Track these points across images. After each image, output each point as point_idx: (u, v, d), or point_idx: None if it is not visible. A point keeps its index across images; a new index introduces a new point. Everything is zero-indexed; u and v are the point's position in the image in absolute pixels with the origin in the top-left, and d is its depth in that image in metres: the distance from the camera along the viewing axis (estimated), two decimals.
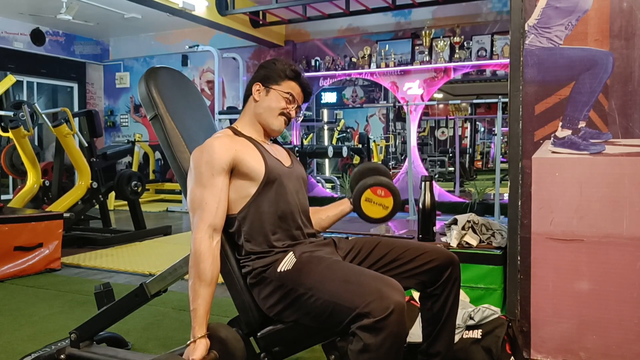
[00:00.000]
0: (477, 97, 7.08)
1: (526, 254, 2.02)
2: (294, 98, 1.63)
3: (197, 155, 1.50)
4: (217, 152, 1.47)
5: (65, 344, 1.91)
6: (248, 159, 1.51)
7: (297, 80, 1.64)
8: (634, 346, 1.90)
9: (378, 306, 1.22)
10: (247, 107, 1.66)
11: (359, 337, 1.23)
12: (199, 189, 1.47)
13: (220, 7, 6.82)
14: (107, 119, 9.78)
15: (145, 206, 6.59)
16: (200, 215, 1.45)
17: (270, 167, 1.52)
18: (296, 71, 1.65)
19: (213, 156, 1.47)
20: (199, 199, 1.46)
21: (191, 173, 1.51)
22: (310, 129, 8.83)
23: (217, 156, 1.47)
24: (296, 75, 1.64)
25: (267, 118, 1.62)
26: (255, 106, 1.63)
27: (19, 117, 4.62)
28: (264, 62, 1.72)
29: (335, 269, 1.39)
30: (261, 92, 1.63)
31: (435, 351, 1.59)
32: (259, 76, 1.65)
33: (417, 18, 7.34)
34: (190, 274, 1.43)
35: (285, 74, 1.63)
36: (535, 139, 2.00)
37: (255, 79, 1.66)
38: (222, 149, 1.48)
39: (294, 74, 1.64)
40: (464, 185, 7.90)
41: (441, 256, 1.54)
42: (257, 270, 1.47)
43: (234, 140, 1.55)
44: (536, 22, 1.99)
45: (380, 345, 1.21)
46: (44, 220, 3.61)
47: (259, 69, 1.68)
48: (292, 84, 1.63)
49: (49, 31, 8.78)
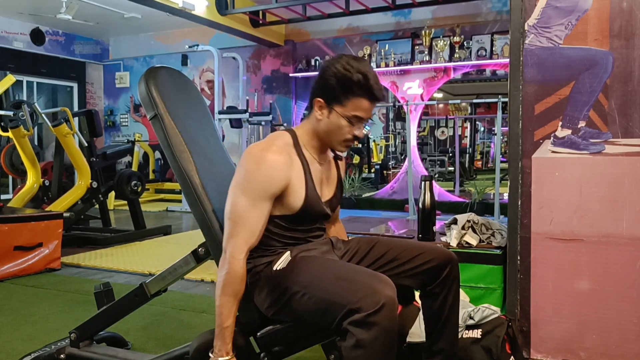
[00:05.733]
0: (477, 97, 7.09)
1: (526, 253, 2.02)
2: (362, 118, 1.45)
3: (253, 166, 1.39)
4: (276, 177, 1.39)
5: (65, 343, 1.91)
6: (293, 194, 1.43)
7: (366, 93, 1.42)
8: (634, 346, 1.90)
9: (369, 301, 1.22)
10: (311, 117, 1.50)
11: (351, 332, 1.23)
12: (247, 204, 1.39)
13: (220, 7, 6.82)
14: (107, 118, 9.78)
15: (145, 206, 6.59)
16: (243, 233, 1.38)
17: (307, 207, 1.46)
18: (365, 85, 1.40)
19: (271, 180, 1.39)
20: (244, 215, 1.38)
21: (242, 180, 1.40)
22: None
23: (274, 182, 1.40)
24: (366, 88, 1.41)
25: (329, 142, 1.50)
26: (316, 122, 1.48)
27: (18, 117, 4.62)
28: (327, 63, 1.45)
29: (328, 267, 1.40)
30: (323, 111, 1.46)
31: (438, 349, 1.59)
32: (322, 88, 1.45)
33: (417, 18, 7.34)
34: (224, 292, 1.38)
35: (352, 90, 1.41)
36: (535, 138, 2.00)
37: (317, 92, 1.46)
38: (280, 174, 1.40)
39: (362, 88, 1.41)
40: (464, 185, 7.90)
41: (439, 255, 1.55)
42: (257, 268, 1.48)
43: (291, 161, 1.44)
44: (536, 21, 1.98)
45: (372, 341, 1.21)
46: (43, 220, 3.61)
47: (322, 74, 1.45)
48: (361, 102, 1.42)
49: (49, 31, 8.77)
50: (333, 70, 1.42)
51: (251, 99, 8.13)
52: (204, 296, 2.98)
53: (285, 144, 1.47)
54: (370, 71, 1.42)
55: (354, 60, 1.42)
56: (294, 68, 8.17)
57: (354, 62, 1.42)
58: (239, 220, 1.39)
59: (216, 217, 1.55)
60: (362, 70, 1.40)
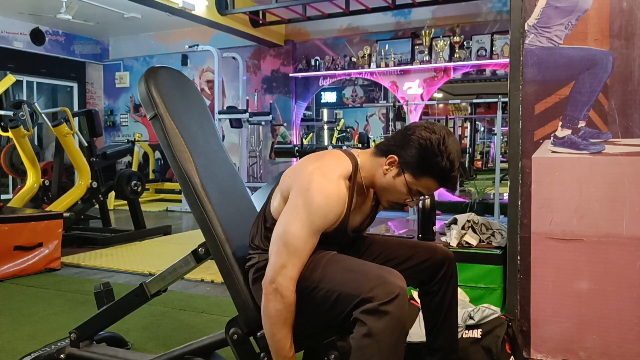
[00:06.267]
0: (477, 97, 7.08)
1: (526, 253, 2.02)
2: (423, 194, 1.43)
3: (320, 200, 1.34)
4: (338, 213, 1.38)
5: (65, 343, 1.91)
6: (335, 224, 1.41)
7: (442, 181, 1.38)
8: (634, 345, 1.90)
9: (382, 290, 1.23)
10: (378, 161, 1.44)
11: (362, 321, 1.24)
12: (306, 236, 1.34)
13: (220, 7, 6.82)
14: (107, 118, 9.78)
15: (145, 206, 6.59)
16: (298, 265, 1.34)
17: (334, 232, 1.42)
18: (447, 175, 1.36)
19: (333, 217, 1.37)
20: (302, 247, 1.34)
21: (304, 209, 1.34)
22: (310, 129, 8.83)
23: (335, 218, 1.37)
24: (445, 178, 1.37)
25: (380, 194, 1.48)
26: (379, 172, 1.43)
27: (18, 117, 4.62)
28: (422, 128, 1.37)
29: (338, 260, 1.40)
30: (392, 169, 1.41)
31: (438, 346, 1.60)
32: (403, 150, 1.38)
33: (417, 18, 7.34)
34: (283, 325, 1.34)
35: (433, 172, 1.36)
36: (535, 138, 2.00)
37: (397, 150, 1.39)
38: (341, 210, 1.38)
39: (442, 176, 1.36)
40: (464, 185, 7.90)
41: (436, 254, 1.56)
42: (260, 264, 1.47)
43: (346, 199, 1.40)
44: (536, 21, 1.98)
45: (383, 330, 1.22)
46: (43, 220, 3.61)
47: (411, 136, 1.37)
48: (433, 183, 1.39)
49: (49, 31, 8.77)
50: (426, 142, 1.35)
51: (251, 99, 8.13)
52: (204, 296, 2.98)
53: (346, 175, 1.42)
54: (458, 159, 1.36)
55: (450, 142, 1.35)
56: (294, 68, 8.17)
57: (449, 143, 1.35)
58: (296, 253, 1.33)
59: (216, 216, 1.55)
60: (452, 157, 1.34)
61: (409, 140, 1.37)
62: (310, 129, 8.87)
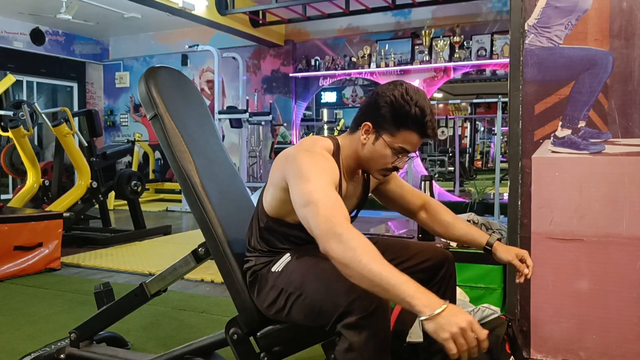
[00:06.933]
0: (477, 97, 7.09)
1: None
2: (407, 151, 1.40)
3: (306, 158, 1.32)
4: (331, 166, 1.34)
5: (65, 343, 1.91)
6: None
7: (419, 128, 1.36)
8: (634, 346, 1.90)
9: (361, 304, 1.20)
10: (354, 137, 1.44)
11: (344, 335, 1.22)
12: (324, 184, 1.26)
13: (220, 7, 6.82)
14: (107, 118, 9.78)
15: (145, 206, 6.59)
16: (337, 215, 1.20)
17: None
18: (421, 121, 1.35)
19: (332, 170, 1.33)
20: (327, 193, 1.24)
21: (299, 170, 1.29)
22: (310, 129, 8.83)
23: (334, 172, 1.34)
24: (420, 124, 1.35)
25: (367, 167, 1.45)
26: (359, 145, 1.43)
27: (18, 117, 4.62)
28: (384, 88, 1.39)
29: (325, 268, 1.36)
30: (369, 136, 1.40)
31: (437, 349, 1.59)
32: (373, 113, 1.39)
33: (417, 18, 7.34)
34: (371, 259, 1.12)
35: (407, 123, 1.35)
36: (535, 138, 2.00)
37: (367, 116, 1.40)
38: (334, 167, 1.35)
39: (416, 123, 1.35)
40: (464, 185, 7.90)
41: (436, 254, 1.56)
42: (256, 267, 1.47)
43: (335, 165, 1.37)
44: (536, 21, 1.98)
45: (364, 344, 1.19)
46: (43, 220, 3.61)
47: (377, 99, 1.38)
48: (412, 135, 1.37)
49: (49, 31, 8.77)
50: (390, 98, 1.36)
51: (251, 99, 8.13)
52: (204, 296, 2.98)
53: (328, 149, 1.41)
54: (428, 106, 1.36)
55: (413, 91, 1.36)
56: (294, 68, 8.17)
57: (413, 93, 1.35)
58: (328, 200, 1.22)
59: (216, 216, 1.55)
60: (420, 104, 1.34)
61: (375, 103, 1.39)
62: (310, 129, 8.87)
